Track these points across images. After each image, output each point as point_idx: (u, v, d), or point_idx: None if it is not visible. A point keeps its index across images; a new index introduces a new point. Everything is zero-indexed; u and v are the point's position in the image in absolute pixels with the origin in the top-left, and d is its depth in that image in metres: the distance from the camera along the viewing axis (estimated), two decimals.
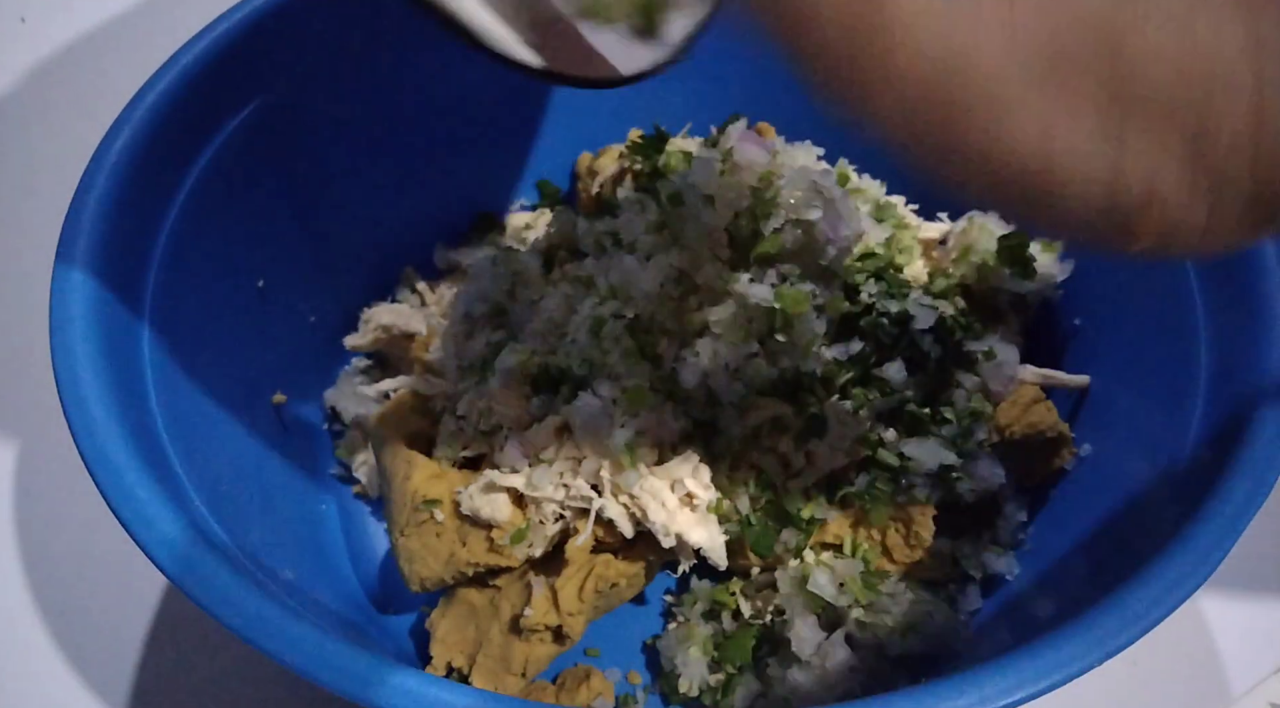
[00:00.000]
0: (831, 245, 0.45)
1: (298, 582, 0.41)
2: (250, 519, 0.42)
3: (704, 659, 0.48)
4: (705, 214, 0.46)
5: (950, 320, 0.47)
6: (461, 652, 0.47)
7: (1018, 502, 0.50)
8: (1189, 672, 0.50)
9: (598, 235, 0.51)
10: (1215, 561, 0.33)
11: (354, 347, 0.56)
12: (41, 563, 0.52)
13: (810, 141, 0.54)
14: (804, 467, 0.46)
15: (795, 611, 0.46)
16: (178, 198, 0.43)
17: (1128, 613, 0.32)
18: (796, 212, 0.45)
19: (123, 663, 0.49)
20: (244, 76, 0.46)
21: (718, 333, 0.44)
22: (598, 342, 0.46)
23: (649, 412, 0.44)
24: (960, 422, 0.46)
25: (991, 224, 0.51)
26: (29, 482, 0.55)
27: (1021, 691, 0.30)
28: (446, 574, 0.45)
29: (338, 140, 0.52)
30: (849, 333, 0.47)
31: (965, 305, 0.51)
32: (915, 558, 0.48)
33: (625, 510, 0.44)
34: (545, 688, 0.48)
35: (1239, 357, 0.39)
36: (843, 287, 0.47)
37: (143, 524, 0.33)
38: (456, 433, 0.48)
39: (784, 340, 0.43)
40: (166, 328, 0.42)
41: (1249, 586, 0.52)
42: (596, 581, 0.45)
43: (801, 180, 0.46)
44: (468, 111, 0.56)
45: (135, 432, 0.36)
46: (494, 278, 0.50)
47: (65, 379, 0.36)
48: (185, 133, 0.43)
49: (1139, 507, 0.40)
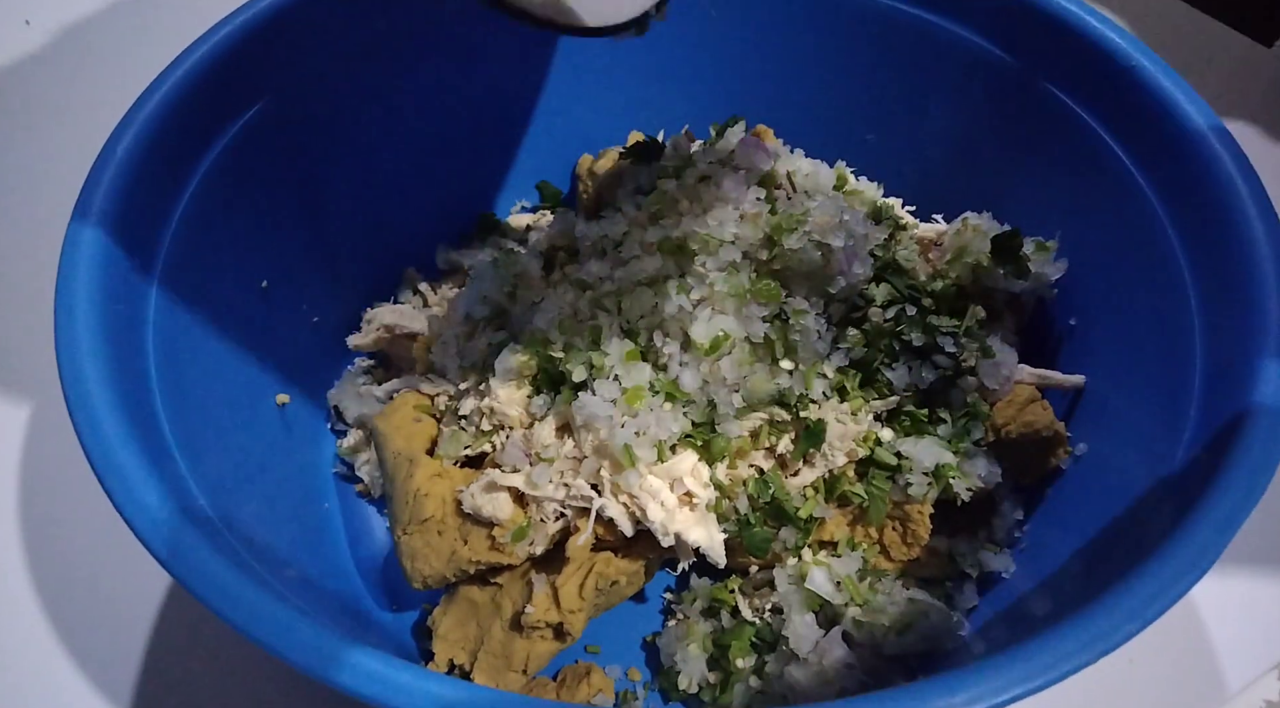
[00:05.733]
0: (843, 277, 0.46)
1: (300, 580, 0.42)
2: (253, 518, 0.43)
3: (703, 656, 0.49)
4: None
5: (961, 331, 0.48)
6: (463, 649, 0.47)
7: (1014, 500, 0.50)
8: (1185, 670, 0.50)
9: (597, 237, 0.51)
10: (1210, 558, 0.33)
11: (356, 346, 0.57)
12: (46, 562, 0.53)
13: (809, 143, 0.54)
14: (802, 466, 0.47)
15: (793, 608, 0.47)
16: (182, 199, 0.44)
17: (1123, 611, 0.32)
18: (821, 234, 0.46)
19: (128, 661, 0.50)
20: (247, 79, 0.46)
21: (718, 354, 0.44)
22: (597, 342, 0.46)
23: (648, 412, 0.44)
24: (957, 421, 0.47)
25: (985, 225, 0.51)
26: (33, 481, 0.55)
27: (1017, 688, 0.30)
28: (448, 572, 0.46)
29: (341, 142, 0.52)
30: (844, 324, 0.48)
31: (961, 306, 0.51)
32: (912, 556, 0.48)
33: (625, 510, 0.44)
34: (546, 685, 0.48)
35: (1234, 356, 0.39)
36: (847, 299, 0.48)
37: (147, 523, 0.34)
38: (458, 432, 0.48)
39: (789, 367, 0.44)
40: (171, 328, 0.42)
41: (1245, 584, 0.53)
42: (597, 578, 0.45)
43: (832, 207, 0.47)
44: (469, 114, 0.57)
45: (139, 431, 0.36)
46: (495, 279, 0.50)
47: (70, 378, 0.36)
48: (189, 134, 0.44)
49: (1135, 505, 0.40)
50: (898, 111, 0.57)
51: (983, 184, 0.56)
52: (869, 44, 0.55)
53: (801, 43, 0.57)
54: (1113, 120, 0.48)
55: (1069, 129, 0.49)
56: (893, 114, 0.58)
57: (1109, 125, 0.48)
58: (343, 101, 0.51)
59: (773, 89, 0.59)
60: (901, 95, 0.56)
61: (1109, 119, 0.48)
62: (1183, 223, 0.44)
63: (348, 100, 0.51)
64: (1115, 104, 0.47)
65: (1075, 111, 0.49)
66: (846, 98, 0.58)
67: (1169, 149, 0.45)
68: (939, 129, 0.57)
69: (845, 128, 0.59)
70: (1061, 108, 0.50)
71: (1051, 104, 0.50)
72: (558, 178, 0.63)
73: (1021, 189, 0.54)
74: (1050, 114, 0.50)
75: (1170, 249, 0.44)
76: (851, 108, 0.58)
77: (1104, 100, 0.48)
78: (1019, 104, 0.52)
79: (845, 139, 0.59)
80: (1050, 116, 0.50)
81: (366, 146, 0.54)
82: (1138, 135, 0.46)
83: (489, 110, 0.57)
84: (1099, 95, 0.48)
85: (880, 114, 0.58)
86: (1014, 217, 0.52)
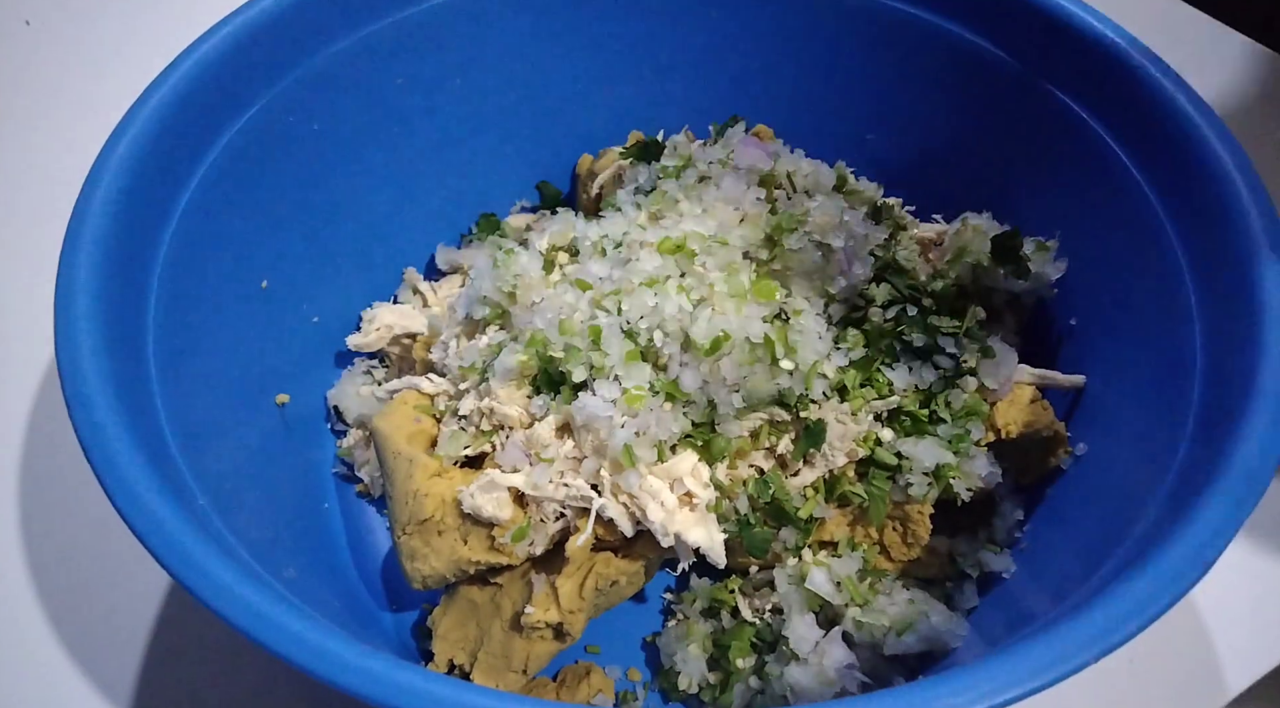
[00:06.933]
0: (843, 277, 0.46)
1: (300, 580, 0.42)
2: (253, 518, 0.43)
3: (703, 657, 0.49)
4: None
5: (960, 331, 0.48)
6: (463, 649, 0.47)
7: (1014, 501, 0.50)
8: (1186, 669, 0.50)
9: (597, 237, 0.51)
10: (1210, 558, 0.33)
11: (357, 346, 0.57)
12: (46, 562, 0.53)
13: (809, 143, 0.54)
14: (802, 466, 0.47)
15: (793, 609, 0.47)
16: (182, 199, 0.44)
17: (1123, 610, 0.32)
18: (821, 234, 0.46)
19: (128, 661, 0.50)
20: (247, 79, 0.46)
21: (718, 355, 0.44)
22: (597, 343, 0.46)
23: (648, 412, 0.44)
24: (957, 421, 0.47)
25: (985, 225, 0.51)
26: (33, 481, 0.55)
27: (1017, 688, 0.30)
28: (448, 572, 0.46)
29: (341, 142, 0.52)
30: (844, 324, 0.48)
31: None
32: (912, 556, 0.48)
33: (625, 510, 0.44)
34: (546, 685, 0.48)
35: (1233, 356, 0.39)
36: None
37: (147, 523, 0.33)
38: (458, 432, 0.48)
39: (789, 367, 0.44)
40: (171, 328, 0.42)
41: (1245, 584, 0.53)
42: (597, 578, 0.45)
43: (832, 207, 0.47)
44: (469, 114, 0.57)
45: (140, 432, 0.36)
46: (495, 279, 0.50)
47: (70, 378, 0.36)
48: (189, 134, 0.44)
49: (1135, 505, 0.40)
50: (898, 111, 0.57)
51: (983, 184, 0.56)
52: (869, 44, 0.55)
53: (801, 43, 0.57)
54: (1113, 120, 0.48)
55: (1069, 129, 0.50)
56: (893, 114, 0.58)
57: (1109, 125, 0.48)
58: (343, 101, 0.51)
59: (773, 89, 0.59)
60: (902, 95, 0.56)
61: (1109, 119, 0.48)
62: (1182, 222, 0.44)
63: (348, 100, 0.51)
64: (1115, 104, 0.47)
65: (1075, 111, 0.49)
66: (846, 98, 0.58)
67: (1169, 149, 0.45)
68: (939, 129, 0.57)
69: (845, 128, 0.59)
70: (1061, 108, 0.50)
71: (1051, 104, 0.50)
72: (558, 178, 0.63)
73: (1021, 189, 0.54)
74: (1050, 114, 0.50)
75: (1170, 249, 0.44)
76: (851, 108, 0.58)
77: (1104, 100, 0.48)
78: (1019, 104, 0.52)
79: (845, 139, 0.59)
80: (1050, 116, 0.50)
81: (366, 146, 0.54)
82: (1138, 135, 0.46)
83: (489, 110, 0.57)
84: (1099, 95, 0.48)
85: (880, 114, 0.58)
86: (1014, 217, 0.52)
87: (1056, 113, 0.50)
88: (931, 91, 0.55)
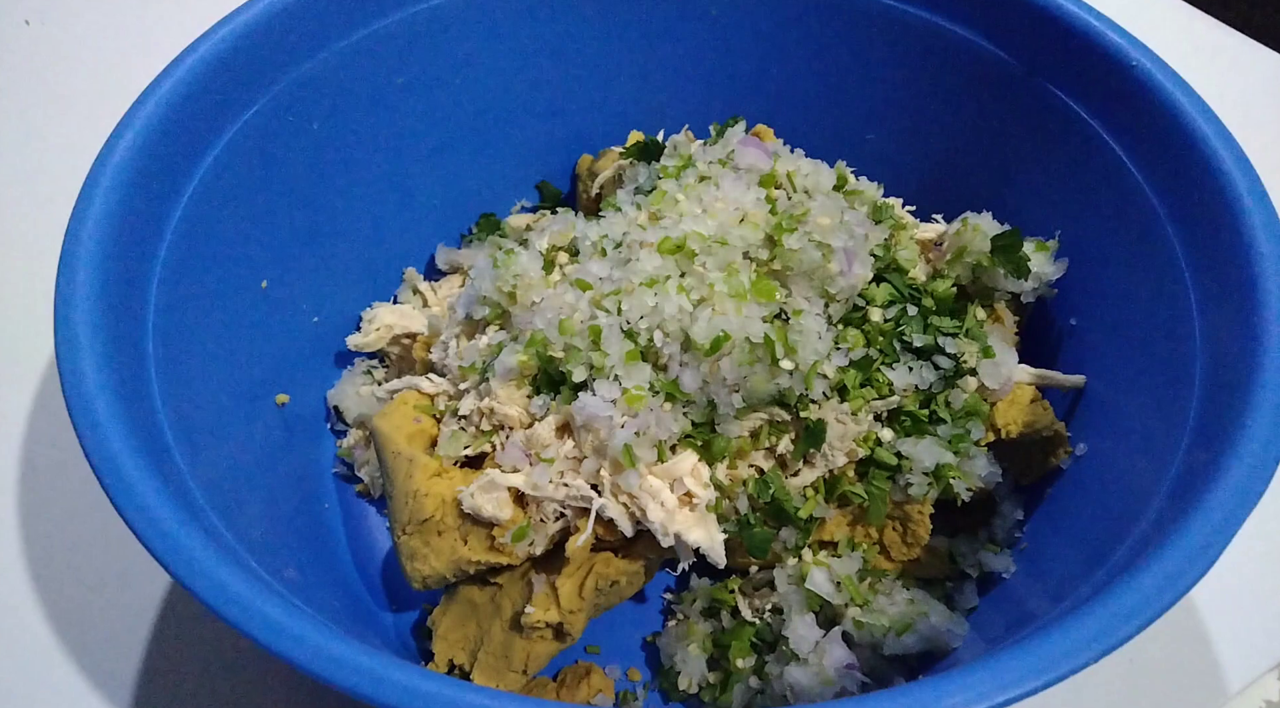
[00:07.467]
0: (843, 277, 0.46)
1: (300, 580, 0.42)
2: (253, 518, 0.43)
3: (703, 657, 0.49)
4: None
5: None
6: (463, 649, 0.47)
7: (1014, 500, 0.50)
8: (1185, 670, 0.50)
9: (597, 237, 0.51)
10: (1210, 558, 0.33)
11: (357, 346, 0.57)
12: (46, 562, 0.53)
13: (809, 143, 0.54)
14: (802, 467, 0.47)
15: (793, 609, 0.47)
16: (182, 199, 0.44)
17: (1123, 610, 0.32)
18: (821, 234, 0.46)
19: (128, 661, 0.50)
20: (247, 79, 0.46)
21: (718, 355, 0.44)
22: (597, 343, 0.46)
23: (648, 412, 0.44)
24: (957, 421, 0.47)
25: (985, 225, 0.51)
26: (33, 481, 0.55)
27: (1017, 688, 0.30)
28: (448, 572, 0.46)
29: (341, 142, 0.52)
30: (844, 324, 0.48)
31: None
32: (912, 556, 0.48)
33: (625, 510, 0.44)
34: (546, 685, 0.48)
35: (1233, 355, 0.39)
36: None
37: (147, 523, 0.33)
38: (458, 432, 0.48)
39: (790, 367, 0.44)
40: (171, 328, 0.42)
41: (1245, 584, 0.53)
42: (597, 578, 0.45)
43: (832, 207, 0.47)
44: (469, 114, 0.57)
45: (139, 431, 0.36)
46: (495, 279, 0.50)
47: (70, 379, 0.36)
48: (190, 134, 0.44)
49: (1135, 505, 0.40)
50: (898, 111, 0.57)
51: (983, 184, 0.56)
52: (869, 44, 0.55)
53: (801, 43, 0.57)
54: (1113, 120, 0.48)
55: (1069, 129, 0.50)
56: (893, 114, 0.58)
57: (1109, 125, 0.48)
58: (343, 101, 0.51)
59: (773, 89, 0.59)
60: (901, 95, 0.57)
61: (1109, 119, 0.48)
62: (1182, 222, 0.44)
63: (348, 100, 0.51)
64: (1115, 104, 0.47)
65: (1075, 111, 0.49)
66: (846, 98, 0.58)
67: (1169, 149, 0.45)
68: (939, 129, 0.57)
69: (845, 128, 0.59)
70: (1061, 108, 0.50)
71: (1051, 104, 0.50)
72: (558, 178, 0.63)
73: (1021, 189, 0.54)
74: (1050, 114, 0.50)
75: (1170, 249, 0.44)
76: (851, 108, 0.58)
77: (1104, 100, 0.48)
78: (1019, 104, 0.52)
79: (845, 139, 0.59)
80: (1050, 116, 0.50)
81: (366, 146, 0.54)
82: (1138, 135, 0.46)
83: (489, 110, 0.57)
84: (1099, 95, 0.48)
85: (880, 114, 0.58)
86: (1014, 217, 0.52)
87: (1056, 113, 0.50)
88: (932, 91, 0.55)
